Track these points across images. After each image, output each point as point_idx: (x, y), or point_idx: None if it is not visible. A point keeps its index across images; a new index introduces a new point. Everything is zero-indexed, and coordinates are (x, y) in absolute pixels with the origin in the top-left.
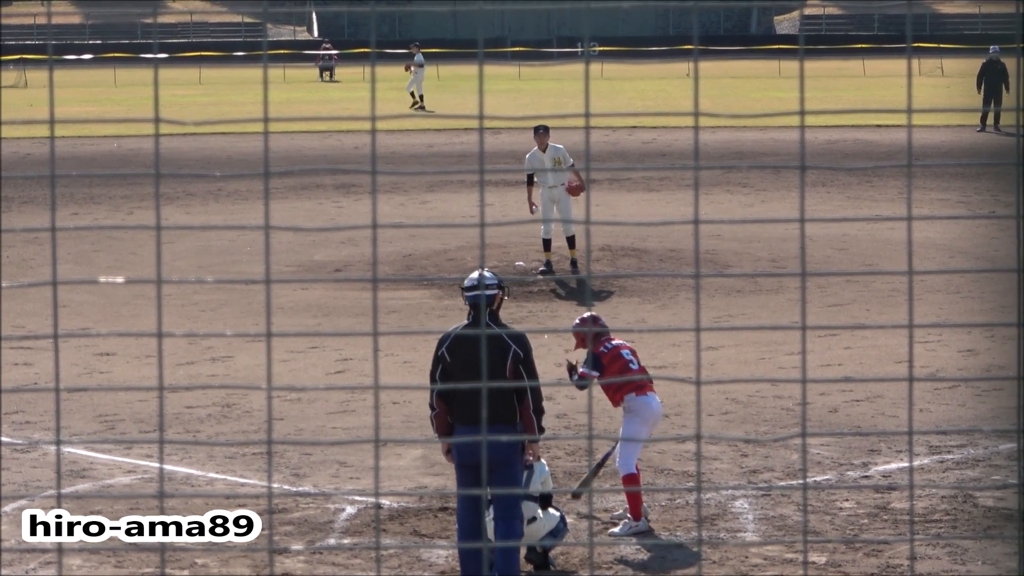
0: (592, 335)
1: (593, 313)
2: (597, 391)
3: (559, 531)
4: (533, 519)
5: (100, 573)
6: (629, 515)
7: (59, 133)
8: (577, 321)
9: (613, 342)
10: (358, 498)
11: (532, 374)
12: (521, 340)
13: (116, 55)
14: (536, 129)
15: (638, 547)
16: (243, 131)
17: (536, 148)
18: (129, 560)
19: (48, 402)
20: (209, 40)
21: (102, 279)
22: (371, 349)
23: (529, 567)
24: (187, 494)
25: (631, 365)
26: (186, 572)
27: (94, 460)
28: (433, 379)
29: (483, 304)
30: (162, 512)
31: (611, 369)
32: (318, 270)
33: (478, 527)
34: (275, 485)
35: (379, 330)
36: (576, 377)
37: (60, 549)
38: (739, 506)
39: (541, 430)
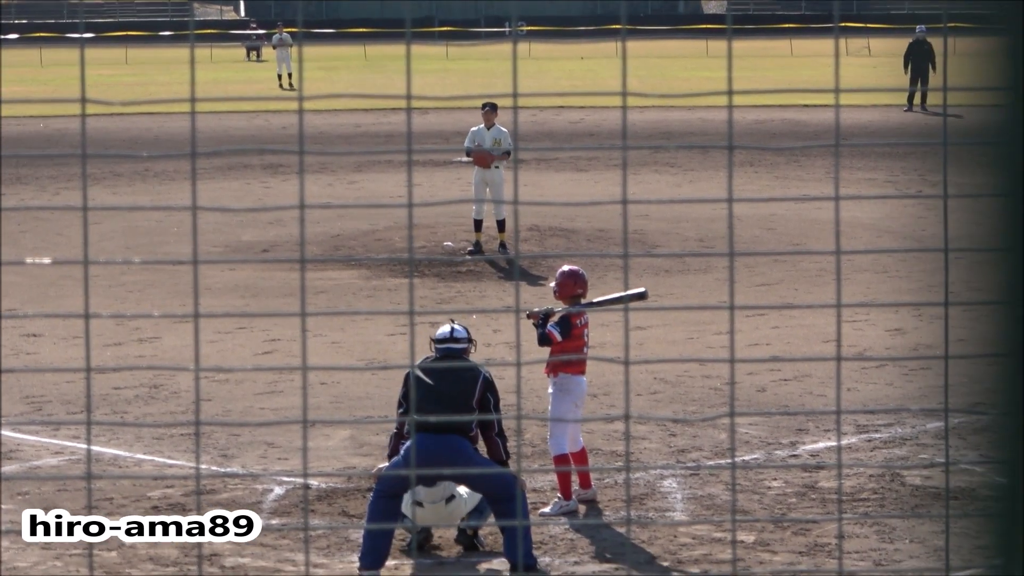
0: (574, 292)
1: (578, 269)
2: (525, 369)
3: (484, 510)
4: (452, 497)
5: (28, 557)
6: (559, 494)
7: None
8: (565, 269)
9: (586, 316)
10: (286, 479)
11: (497, 401)
12: (487, 372)
13: (42, 35)
14: (483, 105)
15: (567, 526)
16: (170, 111)
17: (482, 125)
18: (56, 542)
19: None
20: (135, 20)
21: (28, 260)
22: (299, 330)
23: (458, 548)
24: (115, 475)
25: (584, 348)
26: (114, 553)
27: (21, 442)
28: (400, 403)
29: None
30: (89, 494)
31: (573, 344)
32: (246, 250)
33: (394, 517)
34: (203, 466)
35: (307, 311)
36: (543, 331)
37: None
38: (668, 485)
39: (507, 454)
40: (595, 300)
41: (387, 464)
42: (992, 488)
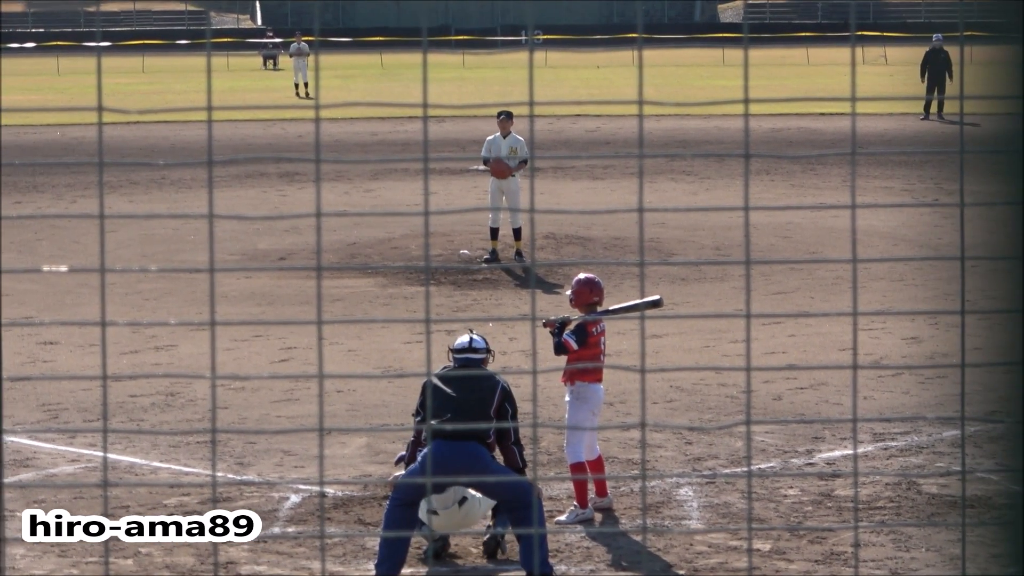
0: (590, 301)
1: (594, 277)
2: (542, 377)
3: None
4: (464, 500)
5: (44, 564)
6: (576, 503)
7: (2, 121)
8: (581, 277)
9: (602, 324)
10: (302, 487)
11: (515, 410)
12: (504, 381)
13: (59, 43)
14: (499, 114)
15: (583, 534)
16: (186, 119)
17: (498, 133)
18: (73, 550)
19: None
20: (152, 28)
21: (45, 268)
22: (315, 338)
23: (475, 556)
24: (131, 483)
25: (600, 356)
26: (130, 561)
27: (38, 449)
28: (417, 412)
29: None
30: (106, 501)
31: (589, 352)
32: (262, 258)
33: (410, 524)
34: (219, 474)
35: (323, 319)
36: (559, 340)
37: (2, 539)
38: (684, 494)
39: (524, 462)
40: (611, 308)
41: (403, 472)
42: (1008, 497)
